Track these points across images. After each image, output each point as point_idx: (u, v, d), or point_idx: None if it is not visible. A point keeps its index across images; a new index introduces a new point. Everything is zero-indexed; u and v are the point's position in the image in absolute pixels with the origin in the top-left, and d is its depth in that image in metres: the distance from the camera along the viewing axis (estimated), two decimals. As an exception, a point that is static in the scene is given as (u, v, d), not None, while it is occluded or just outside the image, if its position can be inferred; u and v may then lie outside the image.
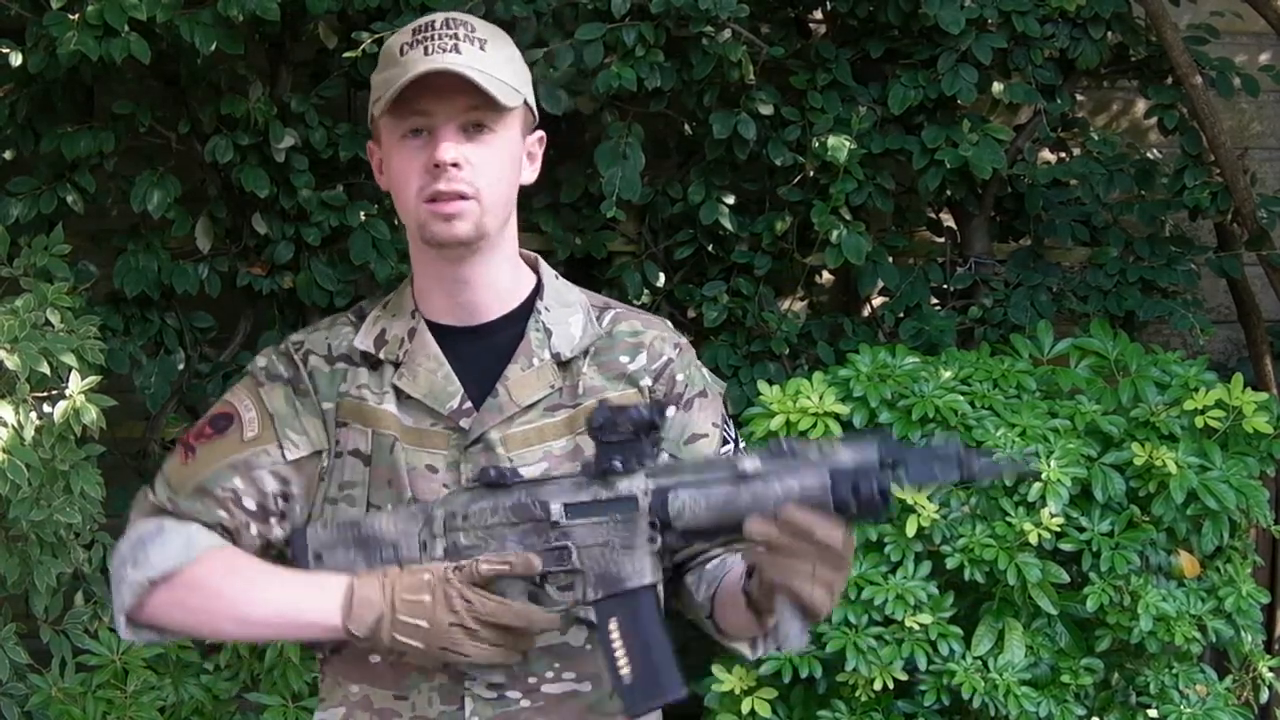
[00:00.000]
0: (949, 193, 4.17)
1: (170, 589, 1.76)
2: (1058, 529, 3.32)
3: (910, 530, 3.31)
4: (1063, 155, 4.36)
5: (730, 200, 4.05)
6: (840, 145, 3.89)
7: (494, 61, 1.77)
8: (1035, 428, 3.42)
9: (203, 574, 1.76)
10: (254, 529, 1.81)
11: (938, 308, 4.18)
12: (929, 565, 3.34)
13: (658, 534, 1.69)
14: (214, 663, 3.44)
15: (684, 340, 1.92)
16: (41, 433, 3.20)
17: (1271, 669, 3.71)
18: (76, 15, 3.52)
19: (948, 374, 3.56)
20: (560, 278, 1.91)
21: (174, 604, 1.76)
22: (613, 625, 1.70)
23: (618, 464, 1.69)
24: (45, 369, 3.19)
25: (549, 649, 1.79)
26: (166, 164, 3.89)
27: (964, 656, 3.32)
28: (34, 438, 3.18)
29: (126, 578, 1.77)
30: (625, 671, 1.69)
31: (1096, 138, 4.30)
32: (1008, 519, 3.33)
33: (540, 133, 1.88)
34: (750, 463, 1.65)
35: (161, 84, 3.91)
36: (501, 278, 1.84)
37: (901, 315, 4.13)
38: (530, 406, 1.81)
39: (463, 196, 1.75)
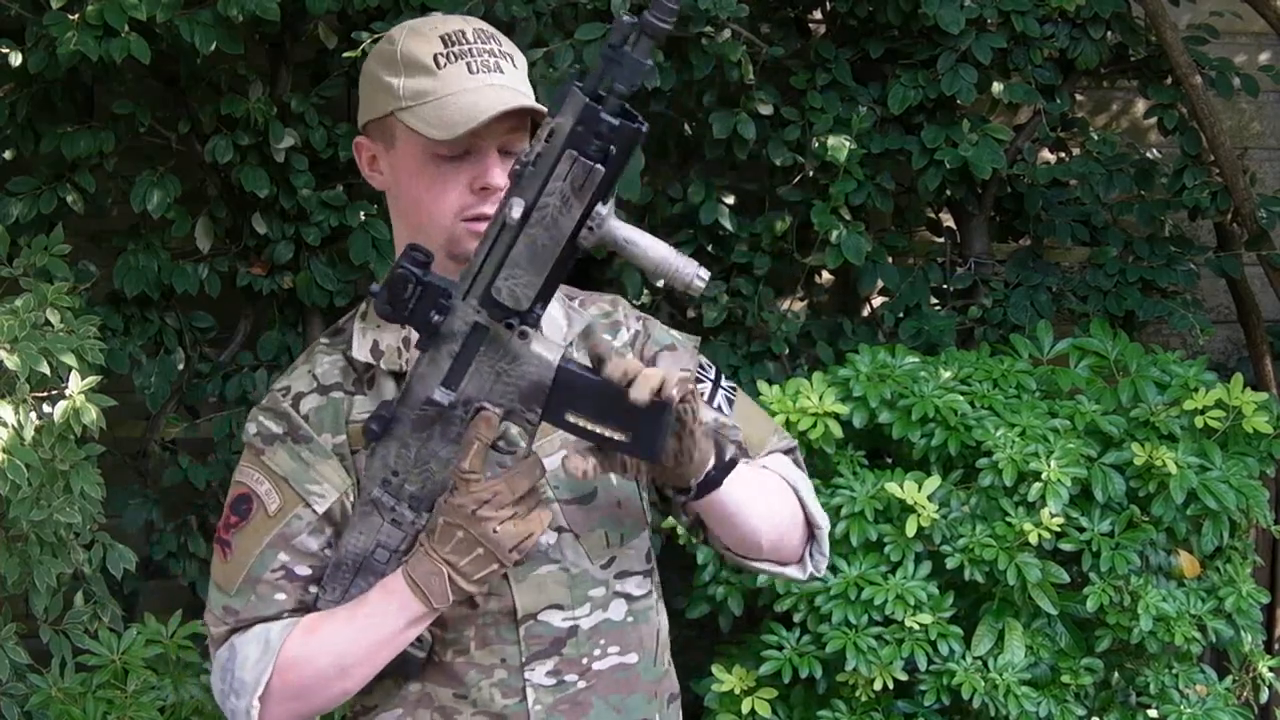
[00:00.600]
0: (949, 193, 4.18)
1: (274, 692, 1.76)
2: (1058, 529, 3.33)
3: (910, 530, 3.31)
4: (1062, 155, 4.37)
5: (730, 200, 4.05)
6: (840, 145, 3.89)
7: (523, 77, 1.79)
8: (1035, 427, 3.43)
9: (290, 661, 1.76)
10: (314, 590, 1.80)
11: (937, 308, 4.18)
12: (929, 565, 3.35)
13: (520, 324, 1.67)
14: (214, 663, 3.44)
15: (644, 315, 1.97)
16: (41, 433, 3.20)
17: (1271, 669, 3.72)
18: (76, 15, 3.51)
19: (947, 374, 3.56)
20: None
21: (287, 700, 1.77)
22: (572, 418, 1.68)
23: (435, 316, 1.67)
24: (45, 369, 3.18)
25: (594, 629, 1.82)
26: (166, 164, 3.89)
27: (964, 656, 3.32)
28: (34, 438, 3.17)
29: (236, 709, 1.77)
30: (620, 437, 1.67)
31: (1096, 138, 4.30)
32: (1008, 519, 3.33)
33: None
34: (515, 208, 1.62)
35: (161, 84, 3.90)
36: None
37: (901, 315, 4.13)
38: None
39: None
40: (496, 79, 1.76)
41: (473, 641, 1.79)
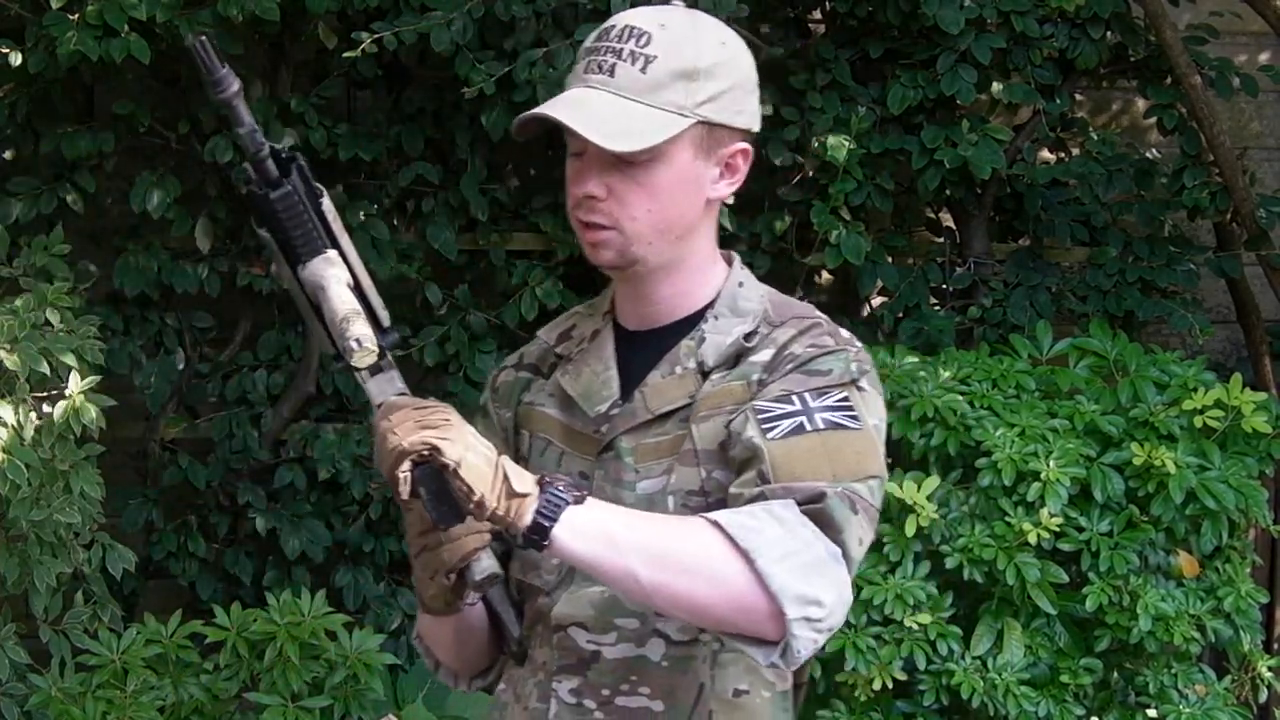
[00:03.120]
0: (948, 193, 4.18)
1: None
2: (1057, 529, 3.33)
3: (909, 530, 3.32)
4: (1062, 155, 4.37)
5: (729, 200, 4.04)
6: (839, 145, 3.89)
7: (647, 85, 1.66)
8: (1034, 427, 3.43)
9: None
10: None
11: (937, 308, 4.18)
12: (928, 565, 3.35)
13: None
14: (214, 662, 3.44)
15: (835, 335, 1.71)
16: (41, 433, 3.20)
17: (1270, 669, 3.72)
18: (76, 15, 3.52)
19: (947, 374, 3.56)
20: (748, 284, 1.79)
21: None
22: None
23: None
24: (45, 369, 3.19)
25: (623, 661, 1.72)
26: (166, 164, 3.89)
27: (963, 656, 3.33)
28: (34, 438, 3.18)
29: None
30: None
31: (1096, 138, 4.30)
32: (1007, 519, 3.33)
33: (741, 145, 1.77)
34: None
35: (161, 84, 3.91)
36: (680, 290, 1.76)
37: (901, 315, 4.13)
38: (666, 416, 1.71)
39: (604, 226, 1.68)
40: (596, 80, 1.66)
41: (536, 639, 1.78)
